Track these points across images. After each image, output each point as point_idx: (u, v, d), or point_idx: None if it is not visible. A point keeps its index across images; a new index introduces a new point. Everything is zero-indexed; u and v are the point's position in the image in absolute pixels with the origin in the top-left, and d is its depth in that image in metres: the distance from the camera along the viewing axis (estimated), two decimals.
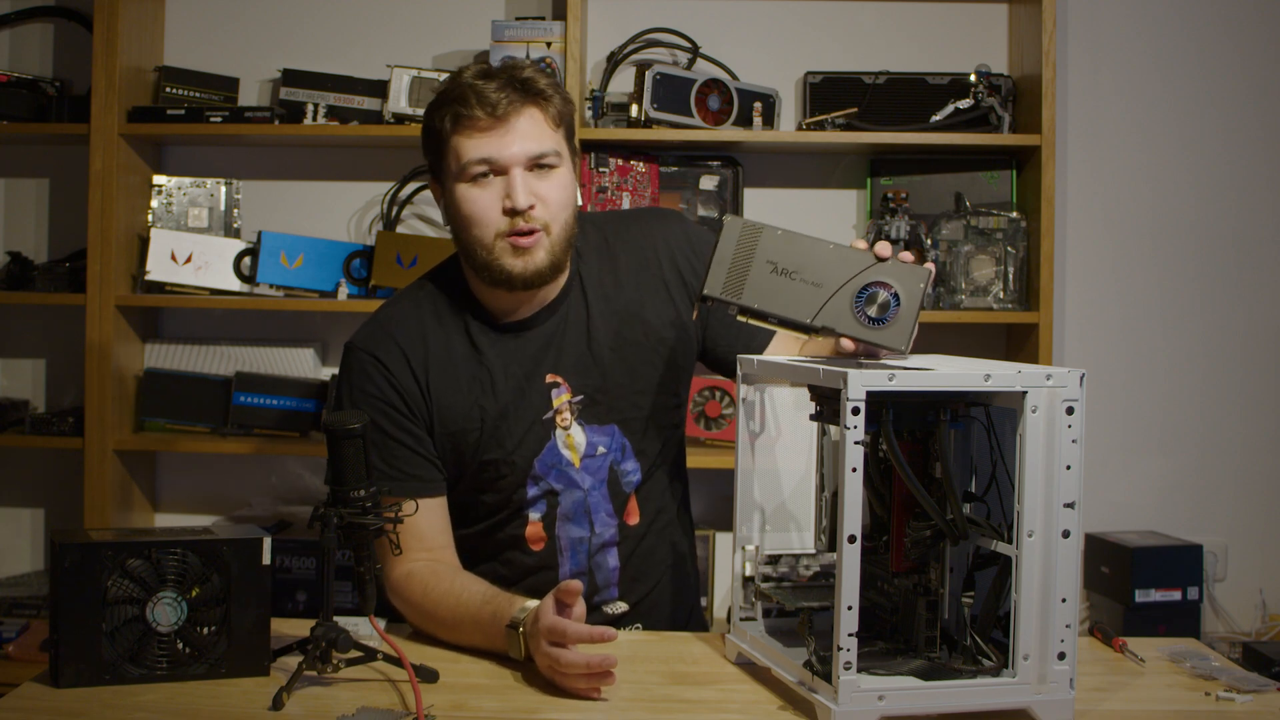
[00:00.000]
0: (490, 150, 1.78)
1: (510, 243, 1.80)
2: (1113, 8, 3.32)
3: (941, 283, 3.11)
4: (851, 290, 1.57)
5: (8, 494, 3.38)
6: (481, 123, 1.78)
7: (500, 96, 1.77)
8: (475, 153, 1.79)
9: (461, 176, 1.81)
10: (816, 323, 1.58)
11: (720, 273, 1.61)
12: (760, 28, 3.30)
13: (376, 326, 1.90)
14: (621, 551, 1.93)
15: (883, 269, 1.58)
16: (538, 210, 1.80)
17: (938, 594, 1.49)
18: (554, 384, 1.89)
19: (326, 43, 3.31)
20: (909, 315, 1.56)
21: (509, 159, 1.79)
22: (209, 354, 3.25)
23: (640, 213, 2.08)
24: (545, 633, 1.55)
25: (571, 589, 1.56)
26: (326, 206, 3.32)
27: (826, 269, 1.59)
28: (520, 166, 1.79)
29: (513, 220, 1.79)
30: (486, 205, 1.80)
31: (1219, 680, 1.60)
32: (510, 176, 1.79)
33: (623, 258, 1.94)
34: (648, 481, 1.94)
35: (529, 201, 1.79)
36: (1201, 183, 3.33)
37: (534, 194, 1.80)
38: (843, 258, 1.59)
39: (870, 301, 1.57)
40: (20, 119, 3.11)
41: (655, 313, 1.93)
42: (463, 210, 1.82)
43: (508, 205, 1.79)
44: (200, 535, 1.59)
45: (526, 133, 1.79)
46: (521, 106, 1.79)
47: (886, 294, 1.57)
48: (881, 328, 1.57)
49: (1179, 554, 3.12)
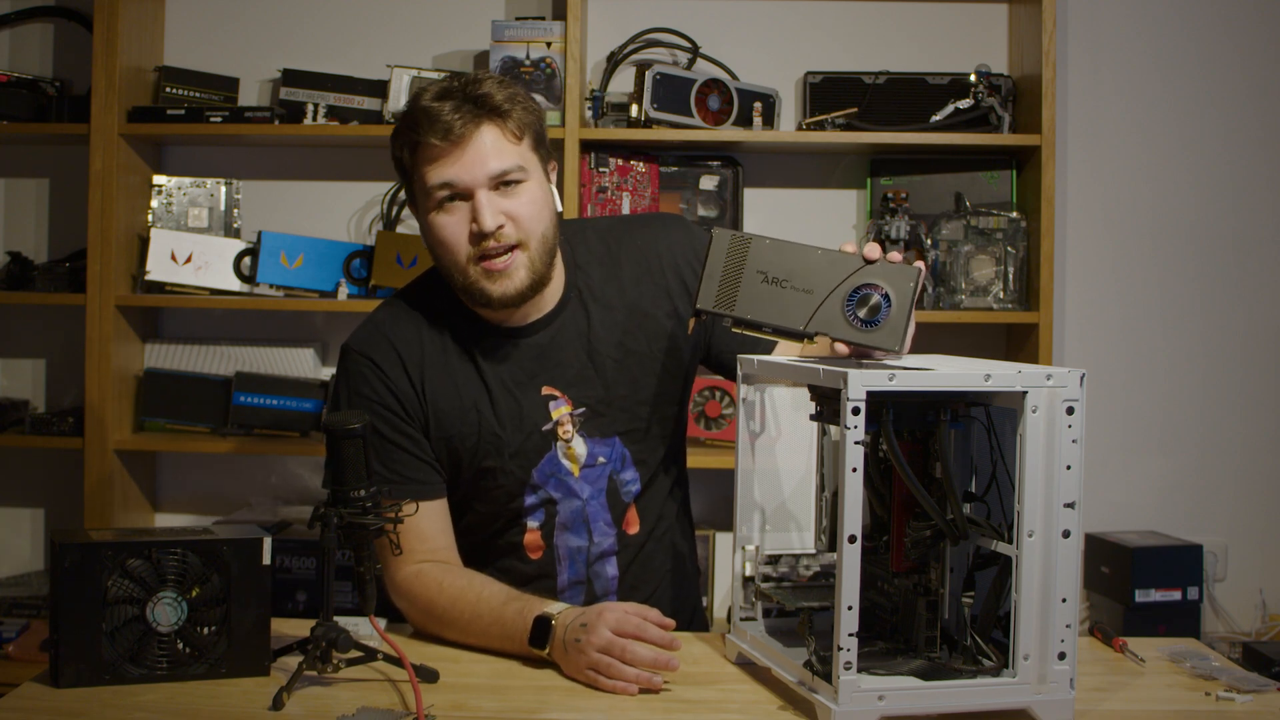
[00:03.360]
0: (450, 174, 1.75)
1: (484, 267, 1.78)
2: (1113, 8, 3.32)
3: (941, 283, 3.11)
4: (842, 294, 1.58)
5: (8, 494, 3.38)
6: (438, 149, 1.75)
7: (454, 119, 1.73)
8: (436, 178, 1.76)
9: (429, 204, 1.78)
10: (810, 329, 1.59)
11: (712, 286, 1.62)
12: (760, 28, 3.30)
13: (372, 329, 1.89)
14: (620, 560, 1.92)
15: (872, 271, 1.58)
16: (508, 229, 1.77)
17: (938, 594, 1.49)
18: (551, 396, 1.87)
19: (326, 43, 3.31)
20: (901, 315, 1.57)
21: (470, 182, 1.75)
22: (209, 354, 3.25)
23: (643, 219, 2.06)
24: (617, 623, 1.58)
25: (653, 617, 1.62)
26: (326, 206, 3.32)
27: (816, 275, 1.59)
28: (484, 188, 1.76)
29: (482, 244, 1.77)
30: (455, 231, 1.77)
31: (1219, 680, 1.60)
32: (475, 199, 1.76)
33: (626, 266, 1.92)
34: (647, 490, 1.93)
35: (496, 222, 1.76)
36: (1201, 183, 3.33)
37: (503, 212, 1.77)
38: (832, 262, 1.59)
39: (861, 304, 1.57)
40: (20, 119, 3.11)
41: (660, 321, 1.91)
42: (435, 236, 1.80)
43: (474, 229, 1.76)
44: (200, 535, 1.59)
45: (486, 152, 1.75)
46: (477, 125, 1.75)
47: (877, 296, 1.57)
48: (874, 330, 1.57)
49: (1179, 554, 3.12)
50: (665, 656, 1.57)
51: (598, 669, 1.57)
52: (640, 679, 1.55)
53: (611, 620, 1.59)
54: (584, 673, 1.58)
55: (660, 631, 1.59)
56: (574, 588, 1.90)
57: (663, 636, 1.59)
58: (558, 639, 1.63)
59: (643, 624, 1.59)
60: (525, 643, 1.65)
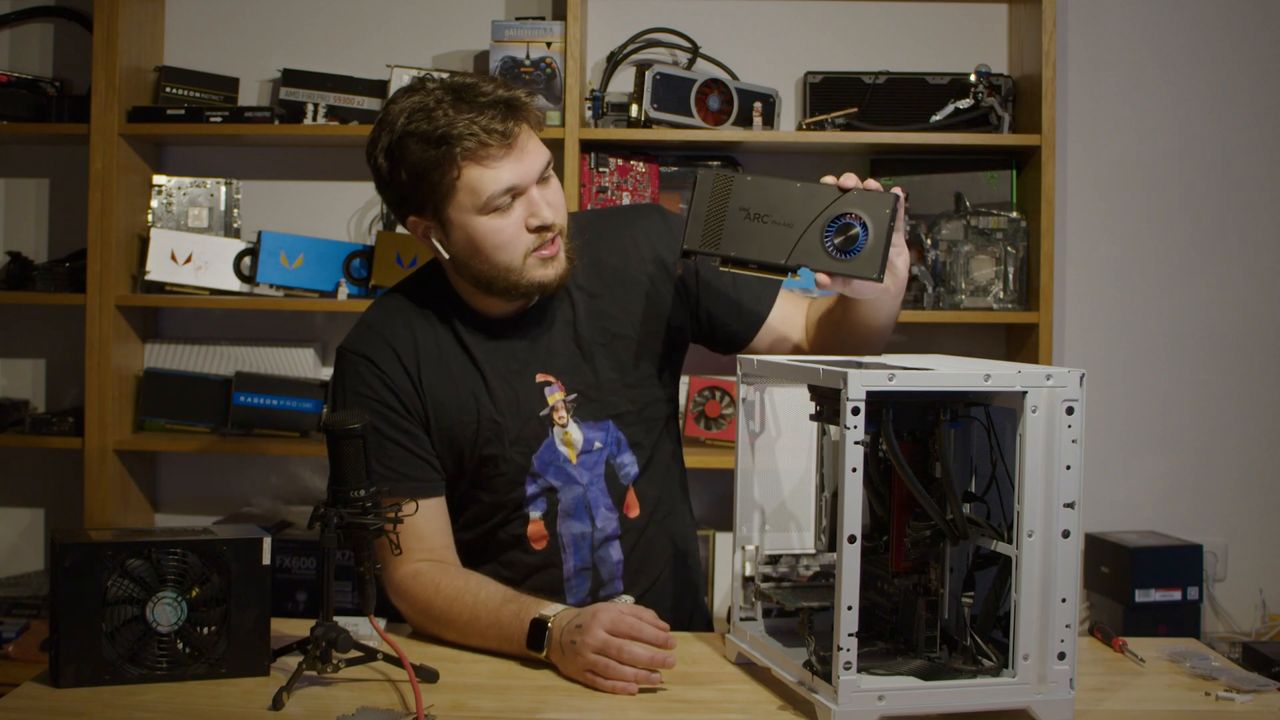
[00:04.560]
0: (512, 178, 1.77)
1: (538, 256, 1.81)
2: (1113, 8, 3.32)
3: (941, 283, 3.11)
4: (820, 225, 1.59)
5: (8, 494, 3.38)
6: (496, 152, 1.76)
7: (508, 124, 1.76)
8: (497, 184, 1.76)
9: (483, 210, 1.78)
10: (790, 263, 1.60)
11: (698, 227, 1.65)
12: (760, 28, 3.30)
13: (365, 328, 1.90)
14: (624, 545, 1.93)
15: (848, 200, 1.60)
16: (555, 217, 1.82)
17: (938, 594, 1.49)
18: (545, 383, 1.89)
19: (326, 43, 3.31)
20: (879, 243, 1.58)
21: (529, 181, 1.79)
22: (209, 354, 3.25)
23: (621, 209, 2.12)
24: (612, 624, 1.58)
25: (648, 617, 1.62)
26: (326, 206, 3.32)
27: (795, 208, 1.61)
28: (535, 184, 1.80)
29: (540, 235, 1.80)
30: (515, 231, 1.80)
31: (1219, 680, 1.60)
32: (530, 196, 1.80)
33: (605, 255, 1.95)
34: (645, 473, 1.94)
35: (553, 216, 1.81)
36: (1201, 183, 3.33)
37: (548, 204, 1.82)
38: (810, 195, 1.61)
39: (839, 234, 1.59)
40: (20, 119, 3.11)
41: (642, 307, 1.94)
42: (489, 241, 1.79)
43: (534, 223, 1.80)
44: (200, 535, 1.59)
45: (531, 150, 1.80)
46: (520, 125, 1.79)
47: (855, 225, 1.58)
48: (853, 259, 1.59)
49: (1179, 554, 3.12)
50: (662, 655, 1.57)
51: (595, 670, 1.57)
52: (639, 678, 1.55)
53: (606, 620, 1.59)
54: (582, 674, 1.58)
55: (656, 631, 1.59)
56: (580, 574, 1.91)
57: (658, 636, 1.59)
58: (554, 641, 1.63)
59: (638, 624, 1.59)
60: (523, 645, 1.66)
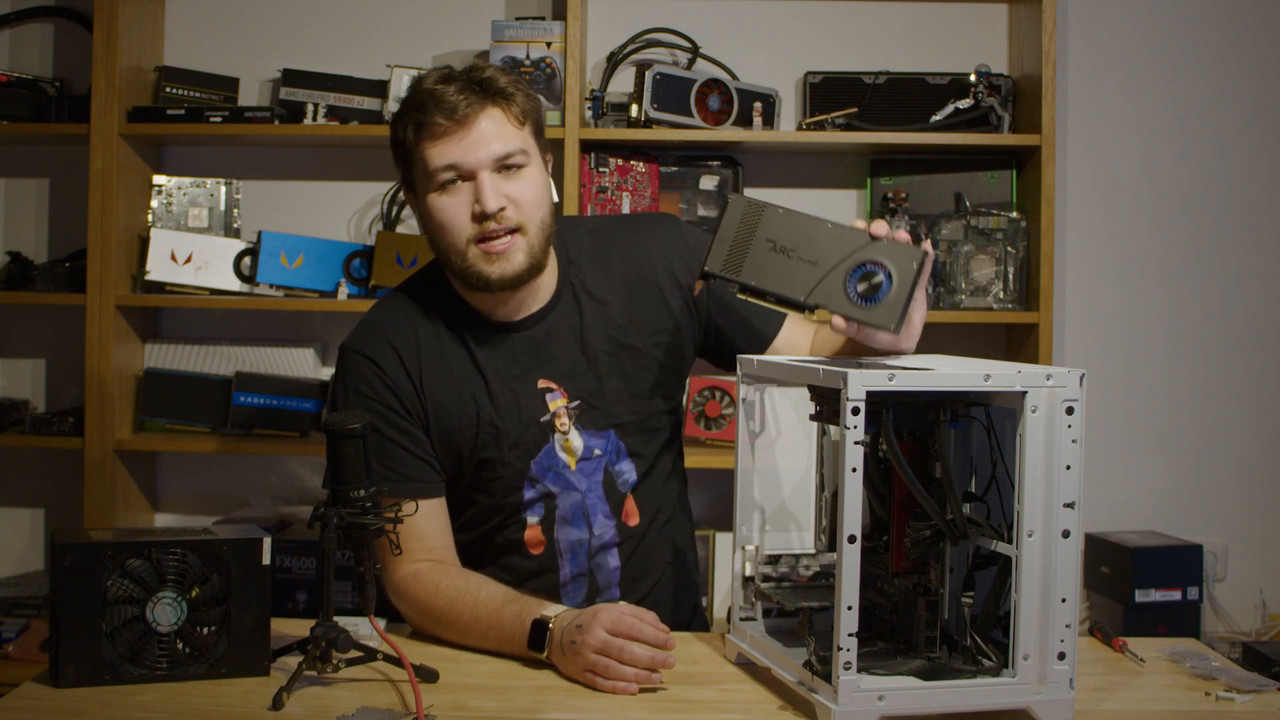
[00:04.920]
0: (455, 155, 1.76)
1: (483, 249, 1.79)
2: (1113, 8, 3.32)
3: (941, 283, 3.11)
4: (846, 269, 1.59)
5: (8, 494, 3.38)
6: (442, 128, 1.76)
7: (459, 99, 1.75)
8: (440, 159, 1.77)
9: (430, 185, 1.79)
10: (810, 301, 1.60)
11: (721, 250, 1.64)
12: (760, 28, 3.30)
13: (367, 327, 1.90)
14: (622, 552, 1.93)
15: (878, 248, 1.59)
16: (510, 212, 1.79)
17: (938, 594, 1.49)
18: (547, 389, 1.88)
19: (326, 43, 3.31)
20: (901, 295, 1.58)
21: (475, 163, 1.77)
22: (209, 354, 3.25)
23: (635, 218, 2.08)
24: (612, 624, 1.58)
25: (648, 618, 1.62)
26: (326, 206, 3.32)
27: (823, 247, 1.61)
28: (487, 169, 1.77)
29: (483, 225, 1.78)
30: (457, 212, 1.78)
31: (1219, 680, 1.60)
32: (478, 180, 1.77)
33: (617, 264, 1.93)
34: (644, 482, 1.94)
35: (499, 204, 1.77)
36: (1201, 183, 3.33)
37: (504, 195, 1.78)
38: (839, 236, 1.61)
39: (863, 280, 1.59)
40: (20, 119, 3.11)
41: (650, 318, 1.92)
42: (435, 219, 1.80)
43: (477, 210, 1.77)
44: (200, 535, 1.59)
45: (490, 134, 1.77)
46: (482, 107, 1.77)
47: (880, 274, 1.58)
48: (873, 307, 1.58)
49: (1179, 554, 3.12)
50: (662, 655, 1.57)
51: (595, 670, 1.57)
52: (639, 678, 1.55)
53: (607, 621, 1.59)
54: (582, 674, 1.58)
55: (656, 631, 1.59)
56: (576, 581, 1.91)
57: (659, 636, 1.59)
58: (555, 641, 1.63)
59: (638, 624, 1.59)
60: (524, 645, 1.66)
